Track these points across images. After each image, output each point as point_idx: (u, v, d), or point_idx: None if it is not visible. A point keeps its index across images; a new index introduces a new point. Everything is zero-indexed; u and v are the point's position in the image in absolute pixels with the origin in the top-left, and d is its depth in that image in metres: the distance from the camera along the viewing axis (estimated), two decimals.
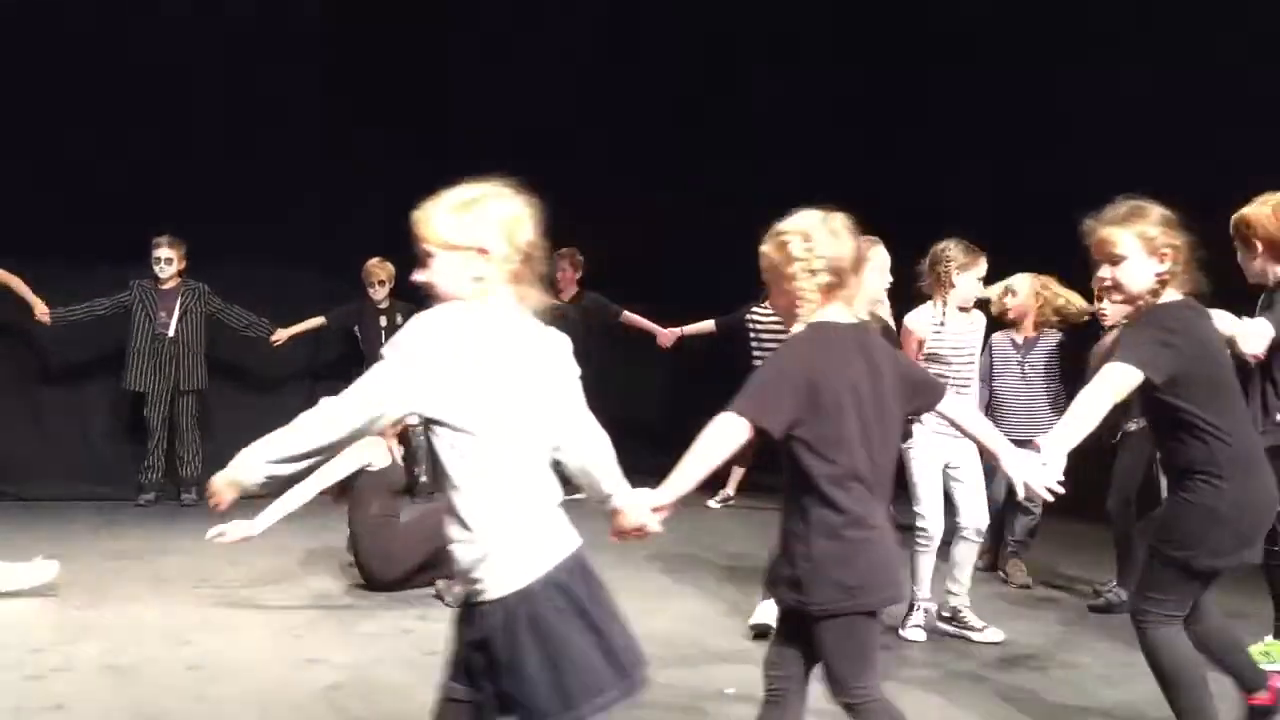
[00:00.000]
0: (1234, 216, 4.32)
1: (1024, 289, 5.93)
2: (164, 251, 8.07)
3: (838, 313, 2.80)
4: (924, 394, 2.96)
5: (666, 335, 8.61)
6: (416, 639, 4.72)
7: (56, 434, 8.45)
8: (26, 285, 7.88)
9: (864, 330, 2.87)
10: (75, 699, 3.88)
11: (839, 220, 2.81)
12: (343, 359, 8.76)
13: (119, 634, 4.65)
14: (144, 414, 8.16)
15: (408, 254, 2.47)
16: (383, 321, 8.50)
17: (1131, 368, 3.13)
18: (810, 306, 2.78)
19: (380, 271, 8.43)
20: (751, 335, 8.54)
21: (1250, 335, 3.88)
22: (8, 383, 8.44)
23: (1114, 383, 3.15)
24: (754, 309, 8.57)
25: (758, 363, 8.43)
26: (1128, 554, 5.42)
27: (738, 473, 8.66)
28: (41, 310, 7.92)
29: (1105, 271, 3.30)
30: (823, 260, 2.76)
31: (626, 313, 8.79)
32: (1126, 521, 5.51)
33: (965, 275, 4.99)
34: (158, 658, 4.35)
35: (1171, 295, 3.27)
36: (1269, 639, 4.52)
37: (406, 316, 8.36)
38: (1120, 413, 4.28)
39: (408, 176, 3.61)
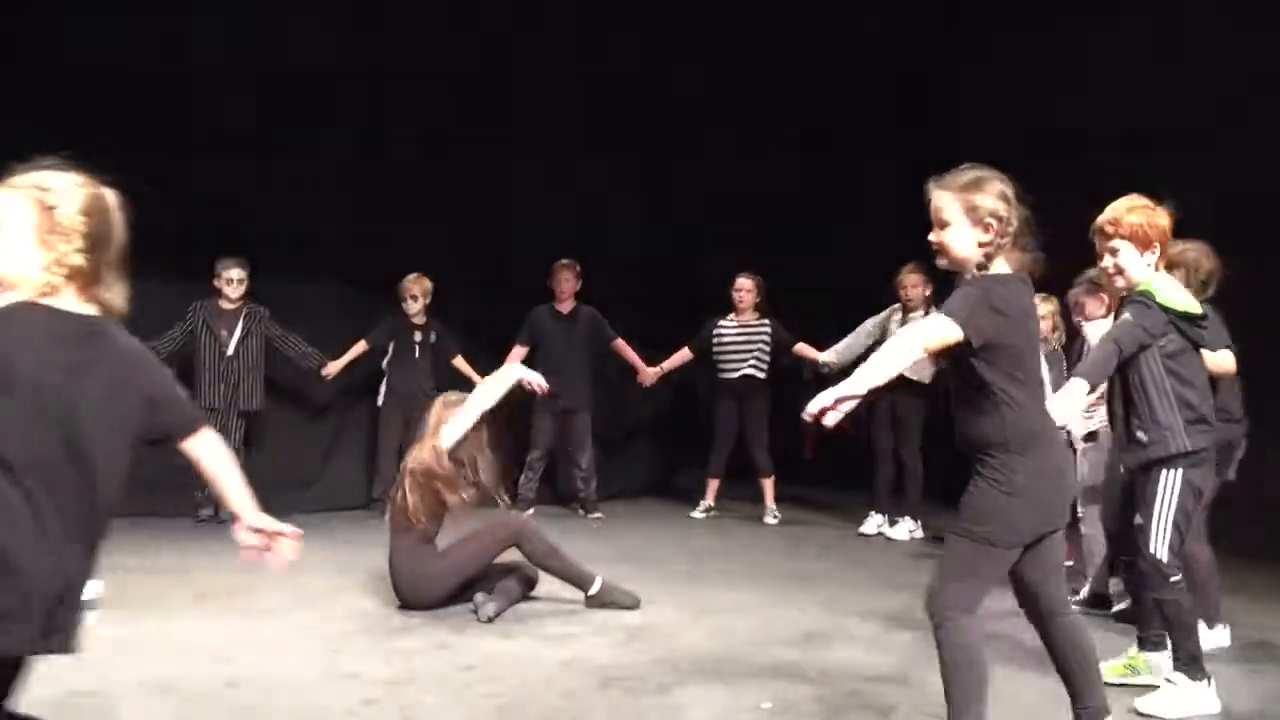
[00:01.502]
0: (1101, 222, 4.12)
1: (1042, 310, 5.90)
2: (234, 273, 8.19)
3: (67, 301, 2.47)
4: (165, 423, 2.63)
5: (649, 374, 8.67)
6: (453, 654, 4.74)
7: None
8: None
9: (95, 328, 2.49)
10: (115, 716, 3.92)
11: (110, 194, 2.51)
12: (372, 377, 8.70)
13: (159, 651, 4.69)
14: None
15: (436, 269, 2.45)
16: (417, 337, 8.48)
17: (953, 324, 3.14)
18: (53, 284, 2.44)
19: (415, 287, 8.42)
20: (716, 346, 8.59)
21: (1060, 407, 3.85)
22: None
23: (929, 333, 3.20)
24: (720, 322, 8.62)
25: (724, 373, 8.58)
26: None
27: (714, 484, 8.67)
28: None
29: (934, 235, 3.32)
30: (88, 237, 2.44)
31: (620, 341, 8.79)
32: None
33: None
34: (197, 674, 4.38)
35: (1002, 267, 3.27)
36: (1132, 650, 4.42)
37: (440, 333, 8.50)
38: None
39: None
